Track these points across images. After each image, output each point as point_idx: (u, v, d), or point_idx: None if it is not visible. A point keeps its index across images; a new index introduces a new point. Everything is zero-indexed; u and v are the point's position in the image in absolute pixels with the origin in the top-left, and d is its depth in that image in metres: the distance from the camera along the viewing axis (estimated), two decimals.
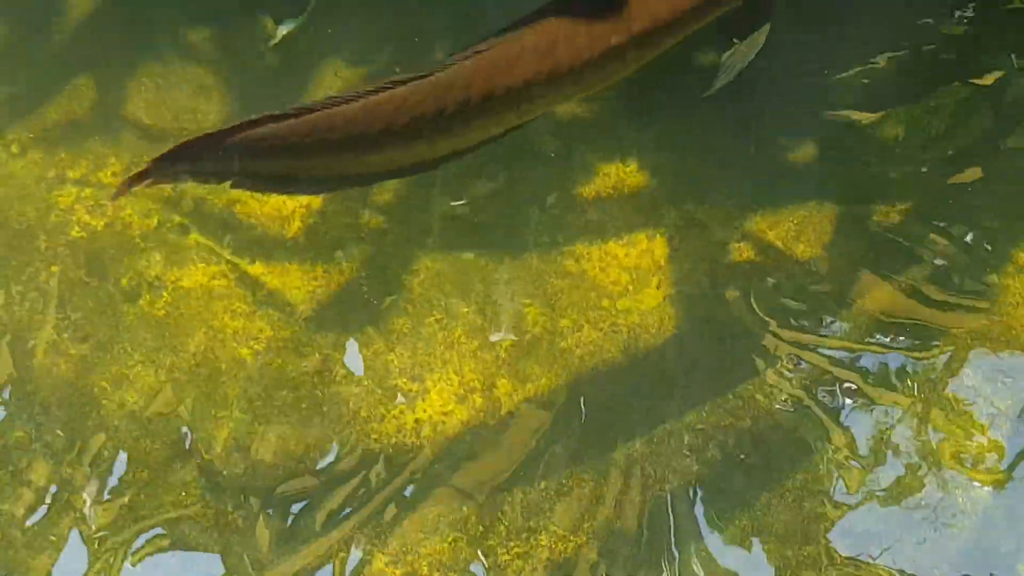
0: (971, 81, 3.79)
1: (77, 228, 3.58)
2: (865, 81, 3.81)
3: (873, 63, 3.82)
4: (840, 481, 3.26)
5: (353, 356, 3.42)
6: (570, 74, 2.87)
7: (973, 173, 3.66)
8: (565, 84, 2.89)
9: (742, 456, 3.29)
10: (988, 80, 3.78)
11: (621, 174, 3.68)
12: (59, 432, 3.31)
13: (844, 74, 3.81)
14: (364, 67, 3.84)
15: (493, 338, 3.45)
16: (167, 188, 3.58)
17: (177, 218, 3.59)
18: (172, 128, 3.73)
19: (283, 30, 3.87)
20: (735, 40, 3.15)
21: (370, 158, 2.84)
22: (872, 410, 3.34)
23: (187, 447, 3.29)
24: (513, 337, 3.45)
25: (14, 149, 3.70)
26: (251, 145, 2.70)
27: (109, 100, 3.79)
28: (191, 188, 3.60)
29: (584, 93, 3.06)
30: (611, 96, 3.77)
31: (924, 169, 3.68)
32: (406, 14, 3.91)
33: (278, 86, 3.81)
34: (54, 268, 3.52)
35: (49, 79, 3.82)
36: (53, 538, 3.19)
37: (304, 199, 3.61)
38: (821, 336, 3.44)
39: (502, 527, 3.21)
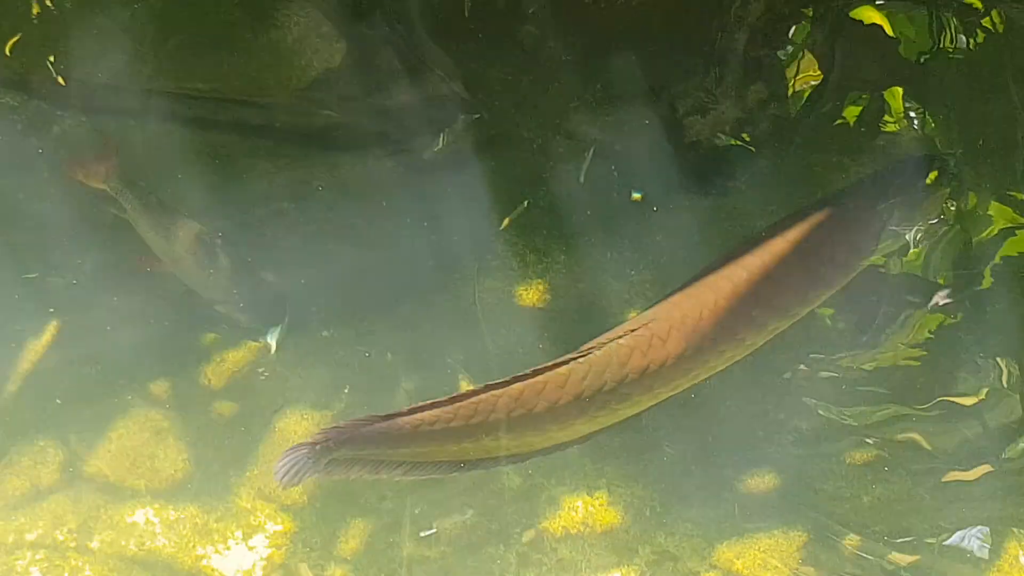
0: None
1: None
2: (822, 413, 3.87)
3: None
4: None
5: None
6: (712, 350, 3.21)
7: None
8: (707, 360, 3.25)
9: None
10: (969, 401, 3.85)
11: (590, 508, 3.67)
12: None
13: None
14: (328, 411, 3.84)
15: None
16: (131, 548, 3.52)
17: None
18: (128, 478, 3.69)
19: (272, 341, 3.91)
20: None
21: (530, 437, 3.15)
22: None
23: None
24: None
25: None
26: (418, 429, 3.03)
27: (74, 459, 3.76)
28: (158, 549, 3.55)
29: (710, 374, 3.34)
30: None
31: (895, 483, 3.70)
32: (365, 360, 3.95)
33: (236, 434, 3.81)
34: None
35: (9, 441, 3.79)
36: None
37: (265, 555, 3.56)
38: None
39: None
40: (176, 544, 3.57)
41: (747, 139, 4.33)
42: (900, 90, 4.33)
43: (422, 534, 3.61)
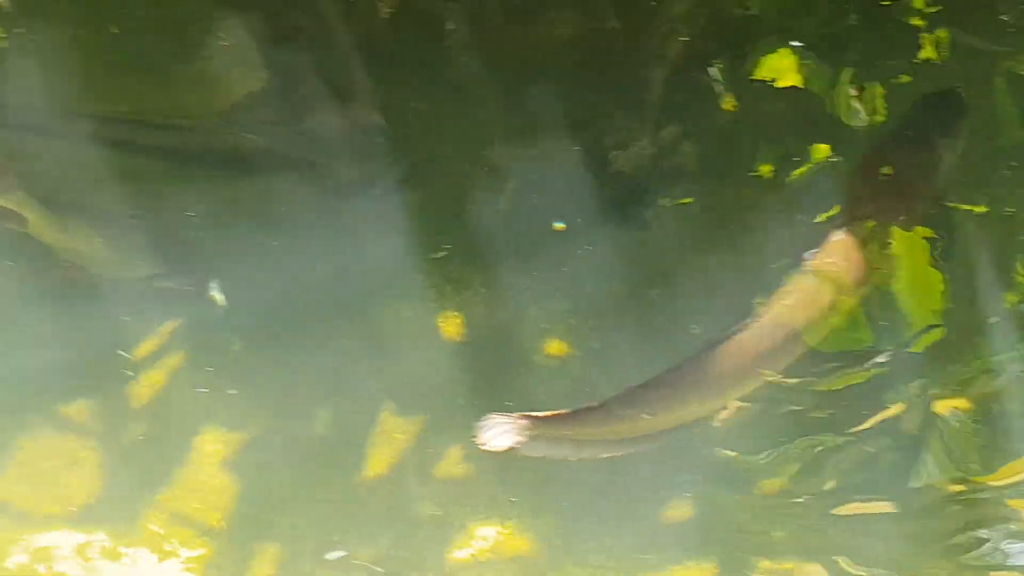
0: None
1: None
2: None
3: None
4: None
5: None
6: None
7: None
8: None
9: None
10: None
11: (500, 537, 3.68)
12: None
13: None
14: (244, 434, 3.83)
15: None
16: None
17: None
18: (35, 506, 3.65)
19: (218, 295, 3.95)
20: None
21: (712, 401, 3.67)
22: None
23: None
24: None
25: None
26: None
27: None
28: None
29: None
30: (484, 459, 3.81)
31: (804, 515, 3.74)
32: (282, 382, 3.95)
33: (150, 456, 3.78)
34: None
35: None
36: None
37: None
38: None
39: None
40: (84, 567, 3.54)
41: (665, 174, 4.38)
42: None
43: (329, 556, 3.60)
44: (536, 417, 3.47)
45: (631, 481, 3.76)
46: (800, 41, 4.50)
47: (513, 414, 3.44)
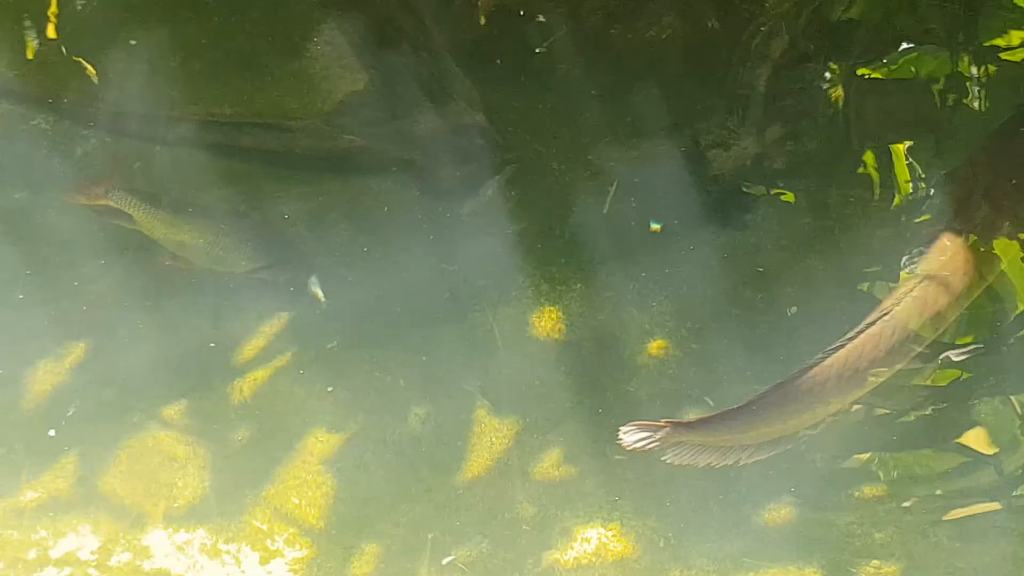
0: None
1: None
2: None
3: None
4: None
5: None
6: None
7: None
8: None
9: None
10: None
11: (602, 539, 3.67)
12: None
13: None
14: (342, 433, 3.85)
15: None
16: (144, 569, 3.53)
17: None
18: (144, 500, 3.69)
19: (317, 290, 4.00)
20: None
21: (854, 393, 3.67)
22: None
23: None
24: None
25: None
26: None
27: (89, 474, 3.75)
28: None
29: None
30: (585, 460, 3.80)
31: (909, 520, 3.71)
32: (379, 381, 3.96)
33: (254, 455, 3.81)
34: None
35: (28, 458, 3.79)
36: None
37: None
38: None
39: None
40: (186, 565, 3.57)
41: (766, 174, 4.34)
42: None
43: (443, 561, 3.61)
44: (680, 424, 3.54)
45: (733, 483, 3.75)
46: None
47: (657, 421, 3.52)
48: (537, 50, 4.48)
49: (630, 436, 3.51)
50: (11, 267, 4.08)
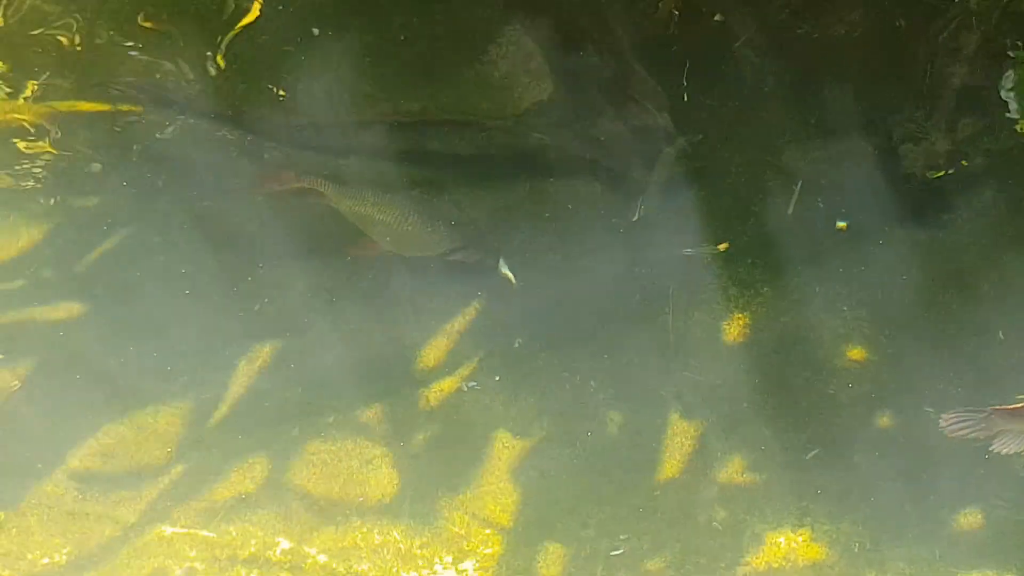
0: None
1: None
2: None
3: None
4: None
5: None
6: None
7: None
8: None
9: None
10: None
11: (793, 544, 3.62)
12: None
13: None
14: (527, 439, 3.87)
15: None
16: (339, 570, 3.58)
17: None
18: (338, 500, 3.74)
19: (507, 271, 4.06)
20: None
21: None
22: None
23: None
24: None
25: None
26: None
27: (280, 475, 3.81)
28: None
29: None
30: (777, 466, 3.77)
31: None
32: (568, 384, 3.97)
33: (444, 458, 3.85)
34: None
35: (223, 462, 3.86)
36: None
37: None
38: None
39: None
40: (380, 568, 3.61)
41: (960, 172, 4.25)
42: None
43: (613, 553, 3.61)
44: (1006, 410, 3.47)
45: (929, 488, 3.68)
46: None
47: (986, 408, 3.48)
48: (723, 50, 4.45)
49: (952, 424, 3.46)
50: (208, 270, 4.16)
